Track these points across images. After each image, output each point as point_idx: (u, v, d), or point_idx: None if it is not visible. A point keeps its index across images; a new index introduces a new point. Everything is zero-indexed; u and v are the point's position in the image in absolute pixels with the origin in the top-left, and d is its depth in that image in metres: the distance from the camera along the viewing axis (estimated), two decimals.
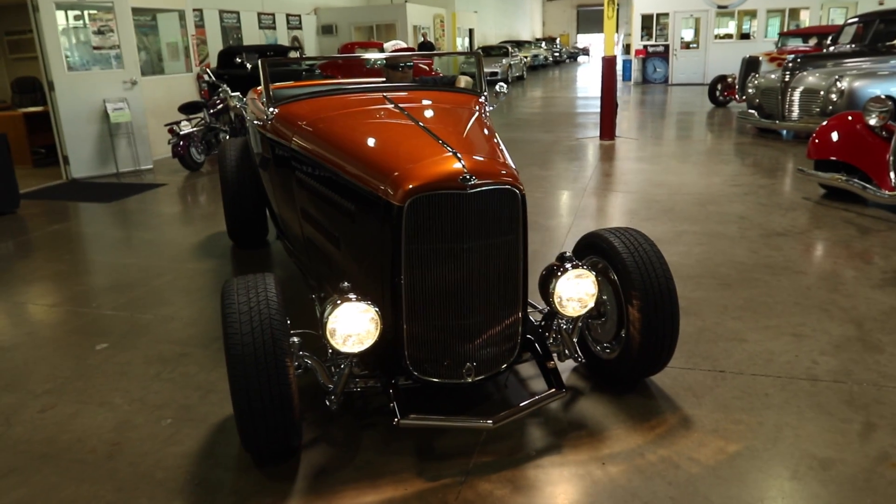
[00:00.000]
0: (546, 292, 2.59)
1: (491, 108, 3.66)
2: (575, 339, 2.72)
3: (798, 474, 2.30)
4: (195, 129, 8.03)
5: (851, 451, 2.41)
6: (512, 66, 21.70)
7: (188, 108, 8.29)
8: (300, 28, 17.12)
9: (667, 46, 19.53)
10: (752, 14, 18.52)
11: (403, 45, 4.63)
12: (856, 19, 9.87)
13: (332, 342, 2.31)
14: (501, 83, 3.99)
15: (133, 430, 2.66)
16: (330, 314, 2.28)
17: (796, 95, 8.57)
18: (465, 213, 2.34)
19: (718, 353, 3.15)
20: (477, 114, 3.28)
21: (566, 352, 2.71)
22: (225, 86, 8.74)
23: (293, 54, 13.14)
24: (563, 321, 2.72)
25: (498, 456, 2.44)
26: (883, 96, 5.55)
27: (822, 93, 8.33)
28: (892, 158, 5.31)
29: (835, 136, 5.76)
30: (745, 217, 5.42)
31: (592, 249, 2.85)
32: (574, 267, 2.55)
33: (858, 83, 8.14)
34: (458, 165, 2.34)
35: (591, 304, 2.60)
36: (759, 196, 6.15)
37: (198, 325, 3.63)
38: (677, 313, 2.65)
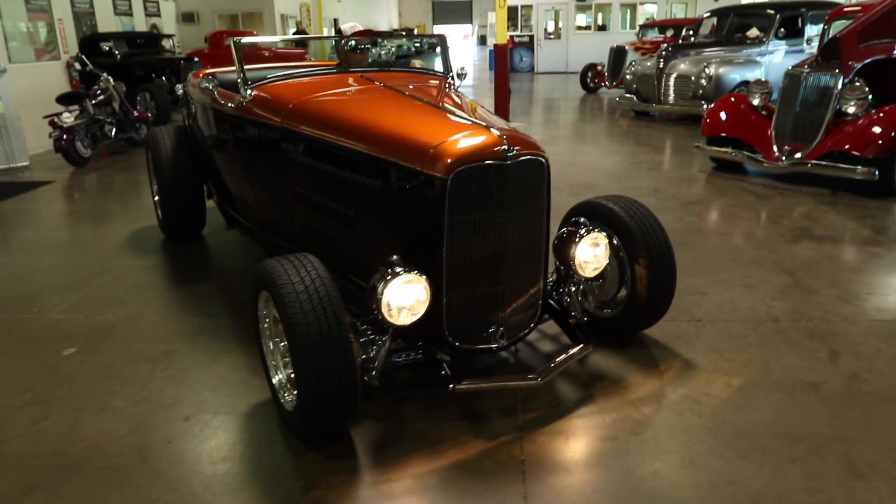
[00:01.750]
0: (565, 256, 2.75)
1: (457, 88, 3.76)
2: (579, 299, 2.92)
3: (796, 396, 2.65)
4: (78, 121, 7.33)
5: (827, 374, 2.81)
6: (382, 55, 21.67)
7: (67, 99, 7.55)
8: (158, 15, 16.03)
9: (531, 37, 20.47)
10: (609, 7, 19.88)
11: (360, 27, 4.55)
12: (709, 14, 10.97)
13: (388, 315, 2.32)
14: (462, 66, 4.10)
15: (154, 431, 2.49)
16: (385, 287, 2.29)
17: (671, 81, 9.43)
18: (504, 183, 2.44)
19: (689, 305, 3.49)
20: (460, 93, 3.37)
21: (572, 312, 2.89)
22: (105, 74, 8.08)
23: (166, 42, 12.29)
24: (573, 283, 2.90)
25: (541, 411, 2.58)
26: (763, 79, 6.29)
27: (693, 78, 9.23)
28: (773, 133, 6.05)
29: (723, 115, 6.44)
30: (658, 189, 5.94)
31: (591, 215, 3.04)
32: (588, 232, 2.74)
33: (723, 69, 9.12)
34: (496, 138, 2.43)
35: (605, 264, 2.81)
36: (661, 171, 6.75)
37: (170, 322, 3.42)
38: (675, 268, 2.92)
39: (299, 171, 3.03)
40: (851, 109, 5.56)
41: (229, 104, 3.37)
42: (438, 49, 3.97)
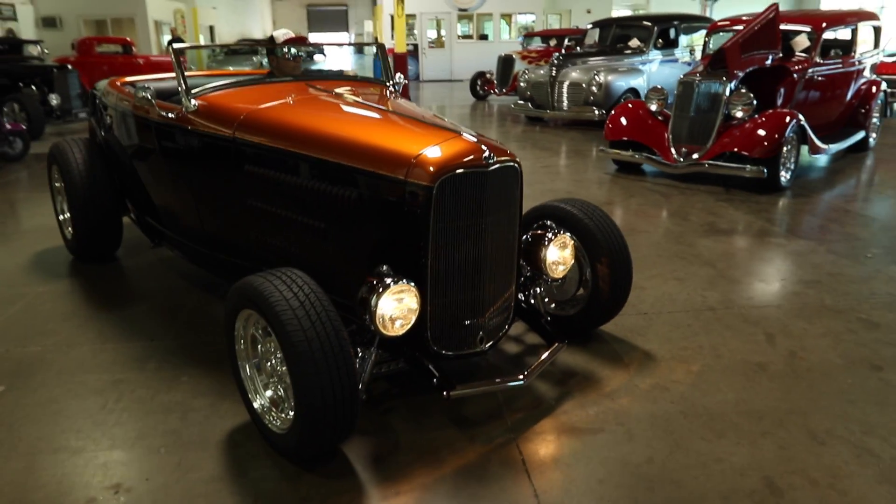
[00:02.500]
0: (535, 258, 2.83)
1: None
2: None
3: (750, 377, 2.88)
4: None
5: (770, 354, 3.09)
6: (264, 64, 21.03)
7: None
8: (15, 20, 14.64)
9: (415, 45, 20.68)
10: (489, 17, 20.51)
11: (292, 34, 4.38)
12: (592, 25, 11.63)
13: (382, 327, 2.28)
14: (399, 74, 4.08)
15: (127, 469, 2.29)
16: (378, 299, 2.25)
17: (564, 88, 9.89)
18: (485, 189, 2.47)
19: (633, 300, 3.67)
20: (409, 101, 3.37)
21: (542, 312, 2.98)
22: None
23: (33, 48, 11.22)
24: (539, 284, 2.99)
25: (526, 411, 2.63)
26: (659, 87, 6.77)
27: (584, 85, 9.74)
28: (670, 136, 6.52)
29: (624, 120, 6.86)
30: (571, 192, 6.22)
31: (551, 218, 3.14)
32: (556, 235, 2.83)
33: (611, 77, 9.69)
34: (476, 145, 2.47)
35: (571, 265, 2.91)
36: (569, 173, 7.06)
37: (108, 350, 3.14)
38: (632, 266, 3.08)
39: (256, 183, 2.90)
40: (739, 114, 6.12)
41: (168, 114, 3.16)
42: (378, 56, 3.94)
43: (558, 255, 2.83)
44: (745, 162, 5.96)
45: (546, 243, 2.80)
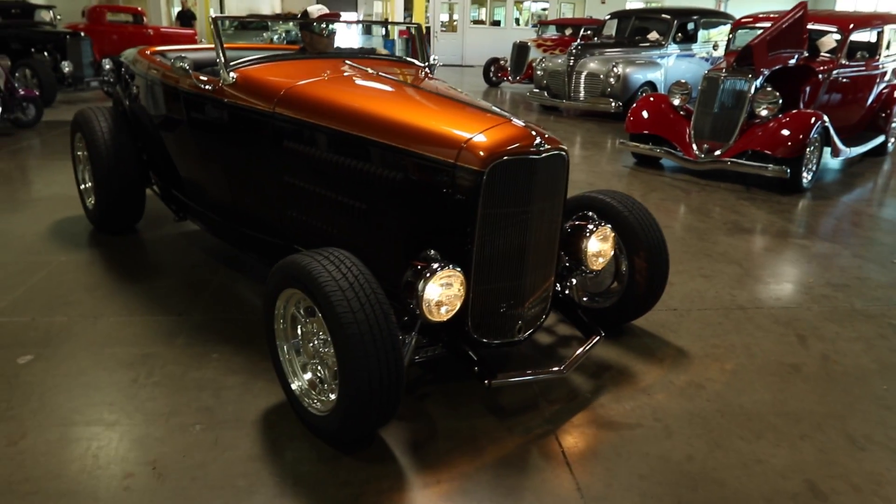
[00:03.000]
0: (576, 249, 2.79)
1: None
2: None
3: (785, 378, 2.86)
4: None
5: (803, 356, 3.06)
6: (274, 41, 20.80)
7: None
8: None
9: (428, 28, 20.47)
10: (501, 3, 20.33)
11: (327, 10, 4.31)
12: (610, 16, 11.52)
13: (428, 313, 2.25)
14: (435, 56, 4.01)
15: (162, 445, 2.26)
16: (426, 284, 2.22)
17: (582, 79, 9.81)
18: (534, 176, 2.44)
19: (662, 295, 3.66)
20: (449, 84, 3.32)
21: (579, 303, 2.95)
22: None
23: (45, 14, 11.06)
24: (577, 275, 2.95)
25: (563, 403, 2.61)
26: (683, 81, 6.70)
27: (601, 76, 9.65)
28: (692, 132, 6.47)
29: (645, 114, 6.80)
30: (591, 183, 6.17)
31: (588, 209, 3.10)
32: (598, 226, 2.79)
33: (629, 69, 9.61)
34: (528, 131, 2.42)
35: (610, 257, 2.88)
36: (587, 165, 7.01)
37: (135, 323, 3.10)
38: (669, 260, 3.05)
39: (294, 161, 2.85)
40: (764, 112, 6.06)
41: (206, 86, 3.10)
42: (416, 36, 3.88)
43: (599, 246, 2.80)
44: (768, 161, 5.92)
45: (587, 234, 2.76)
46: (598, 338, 2.75)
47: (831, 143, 6.27)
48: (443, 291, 2.26)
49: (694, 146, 6.38)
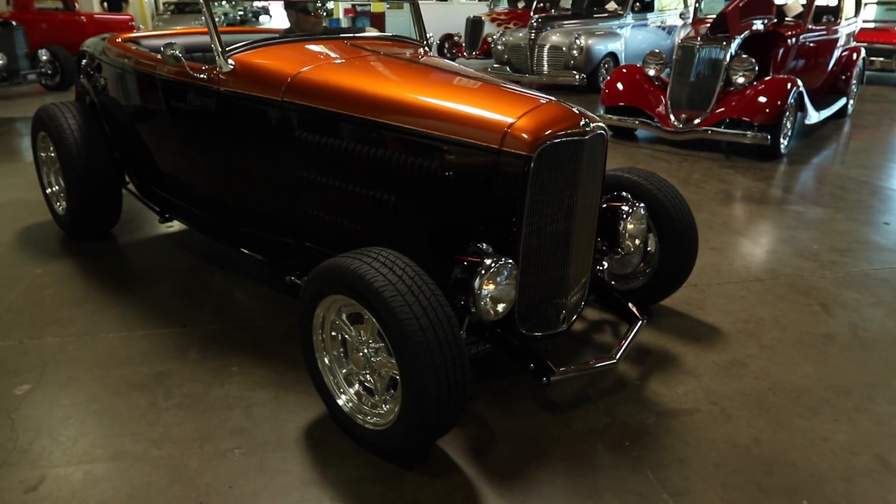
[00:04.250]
0: (613, 231, 2.67)
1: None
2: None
3: (821, 350, 2.84)
4: None
5: (832, 325, 3.05)
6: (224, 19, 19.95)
7: None
8: None
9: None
10: None
11: None
12: None
13: (487, 311, 2.11)
14: (430, 33, 3.80)
15: (202, 476, 2.05)
16: (483, 281, 2.07)
17: (545, 52, 9.68)
18: (580, 158, 2.31)
19: None
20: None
21: (613, 287, 2.85)
22: None
23: None
24: (609, 258, 2.84)
25: (614, 393, 2.51)
26: (657, 51, 6.65)
27: (564, 49, 9.56)
28: (669, 102, 6.45)
29: (620, 86, 6.74)
30: None
31: (617, 188, 2.98)
32: (634, 207, 2.68)
33: (591, 41, 9.54)
34: (572, 111, 2.28)
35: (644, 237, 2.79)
36: None
37: (137, 339, 2.84)
38: (698, 238, 2.97)
39: (309, 153, 2.63)
40: (741, 80, 6.07)
41: (200, 75, 2.82)
42: (411, 12, 3.66)
43: (637, 227, 2.69)
44: (746, 128, 5.94)
45: (624, 216, 2.65)
46: (641, 322, 2.66)
47: (804, 107, 6.35)
48: (500, 288, 2.11)
49: (672, 116, 6.36)
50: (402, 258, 2.00)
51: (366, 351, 2.10)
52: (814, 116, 6.68)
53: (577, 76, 9.49)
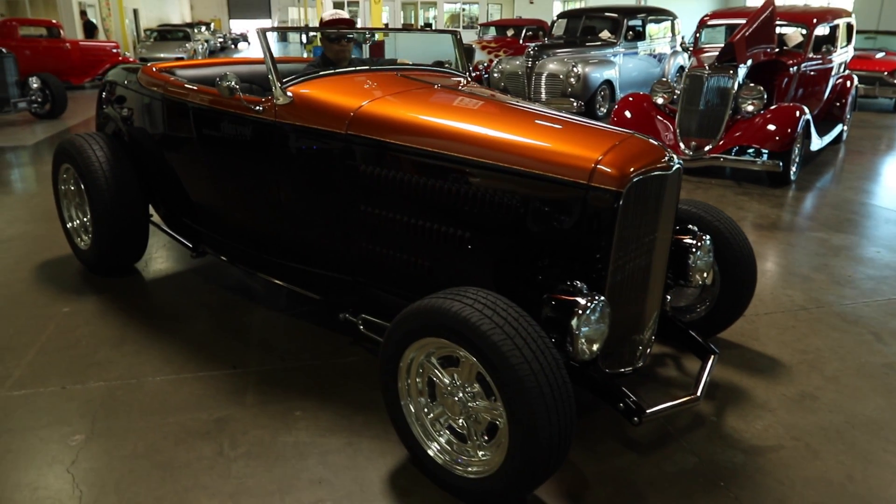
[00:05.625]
0: (683, 265, 2.63)
1: None
2: None
3: (886, 380, 2.82)
4: None
5: (889, 355, 3.04)
6: (197, 51, 19.84)
7: None
8: None
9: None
10: (433, 4, 20.20)
11: (342, 14, 3.98)
12: (559, 16, 11.57)
13: (584, 352, 2.04)
14: (470, 65, 3.78)
15: None
16: (582, 322, 2.00)
17: (542, 80, 9.77)
18: (664, 192, 2.28)
19: None
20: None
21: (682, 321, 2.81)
22: None
23: None
24: (673, 293, 2.81)
25: (693, 430, 2.46)
26: (665, 79, 6.73)
27: (561, 77, 9.65)
28: (678, 130, 6.51)
29: (628, 114, 6.79)
30: None
31: (678, 222, 2.93)
32: (701, 241, 2.64)
33: (588, 69, 9.65)
34: (656, 146, 2.26)
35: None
36: None
37: (188, 383, 2.71)
38: (756, 270, 2.94)
39: (373, 187, 2.56)
40: (750, 108, 6.16)
41: (256, 107, 2.74)
42: (453, 45, 3.63)
43: (705, 261, 2.65)
44: (757, 155, 6.02)
45: (694, 249, 2.61)
46: (715, 356, 2.61)
47: (808, 134, 6.46)
48: (597, 327, 2.05)
49: (681, 144, 6.42)
50: (502, 299, 1.92)
51: (461, 395, 2.02)
52: (817, 143, 6.79)
53: (574, 103, 9.57)
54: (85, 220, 3.85)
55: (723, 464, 2.26)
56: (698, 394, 2.38)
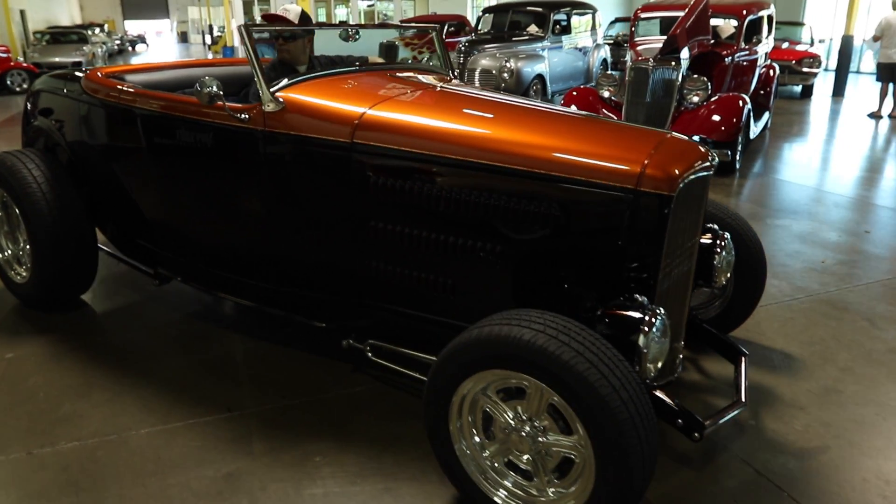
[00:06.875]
0: (708, 266, 2.53)
1: None
2: None
3: None
4: None
5: (890, 341, 3.08)
6: (96, 55, 18.47)
7: None
8: None
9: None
10: (345, 2, 19.73)
11: (300, 10, 3.61)
12: (485, 12, 11.50)
13: (650, 369, 1.89)
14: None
15: None
16: (650, 339, 1.85)
17: (476, 76, 9.64)
18: (705, 193, 2.18)
19: None
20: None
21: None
22: None
23: None
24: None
25: (737, 437, 2.37)
26: (609, 72, 6.75)
27: (494, 72, 9.57)
28: (625, 123, 6.54)
29: (574, 108, 6.76)
30: None
31: None
32: (724, 240, 2.56)
33: (520, 63, 9.62)
34: (695, 143, 2.14)
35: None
36: None
37: (180, 434, 2.37)
38: (766, 266, 2.90)
39: (387, 200, 2.31)
40: (695, 99, 6.27)
41: (241, 115, 2.42)
42: (436, 43, 3.40)
43: (728, 261, 2.57)
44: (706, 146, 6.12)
45: (718, 249, 2.52)
46: (746, 357, 2.54)
47: (748, 123, 6.65)
48: (662, 343, 1.90)
49: None
50: (573, 322, 1.74)
51: (527, 430, 1.82)
52: (754, 131, 7.01)
53: None
54: (17, 249, 3.38)
55: (778, 471, 2.18)
56: (742, 399, 2.29)
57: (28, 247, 3.23)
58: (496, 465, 1.91)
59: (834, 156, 7.40)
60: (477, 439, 1.91)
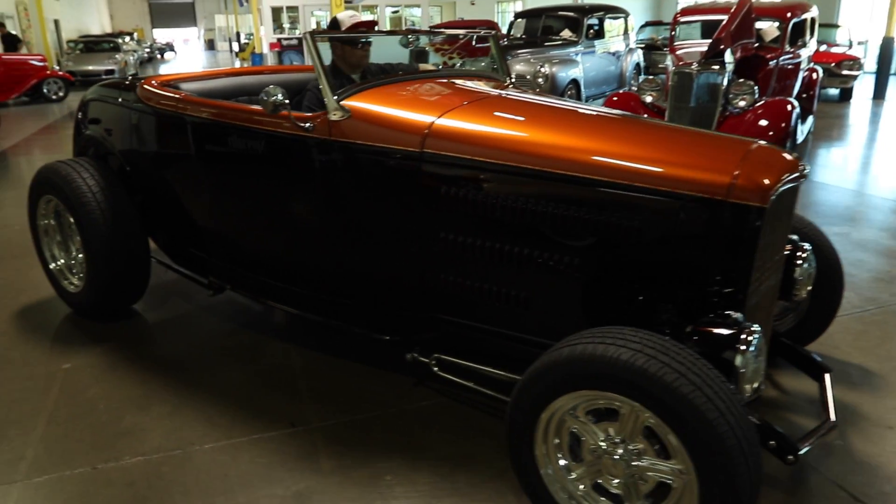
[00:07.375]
0: (791, 279, 2.41)
1: None
2: None
3: None
4: None
5: None
6: (129, 63, 18.75)
7: None
8: None
9: (300, 39, 19.45)
10: (372, 9, 19.77)
11: (360, 17, 3.56)
12: (517, 17, 11.43)
13: (748, 390, 1.79)
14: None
15: None
16: (748, 358, 1.76)
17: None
18: (794, 202, 2.08)
19: None
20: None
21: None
22: None
23: None
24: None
25: (823, 459, 2.25)
26: (652, 77, 6.63)
27: (529, 77, 9.48)
28: None
29: None
30: None
31: None
32: (805, 251, 2.44)
33: (555, 69, 9.52)
34: (786, 151, 2.04)
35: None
36: None
37: (243, 450, 2.31)
38: (844, 277, 2.78)
39: (459, 211, 2.23)
40: (742, 104, 6.11)
41: (306, 124, 2.37)
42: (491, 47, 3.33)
43: (809, 273, 2.45)
44: None
45: (800, 261, 2.41)
46: (830, 373, 2.42)
47: (796, 127, 6.48)
48: (759, 362, 1.80)
49: None
50: (670, 341, 1.65)
51: (620, 452, 1.73)
52: (800, 135, 6.83)
53: None
54: (70, 259, 3.37)
55: (878, 498, 2.06)
56: (832, 418, 2.18)
57: (81, 256, 3.23)
58: (582, 488, 1.83)
59: (881, 160, 7.19)
60: (563, 462, 1.83)
